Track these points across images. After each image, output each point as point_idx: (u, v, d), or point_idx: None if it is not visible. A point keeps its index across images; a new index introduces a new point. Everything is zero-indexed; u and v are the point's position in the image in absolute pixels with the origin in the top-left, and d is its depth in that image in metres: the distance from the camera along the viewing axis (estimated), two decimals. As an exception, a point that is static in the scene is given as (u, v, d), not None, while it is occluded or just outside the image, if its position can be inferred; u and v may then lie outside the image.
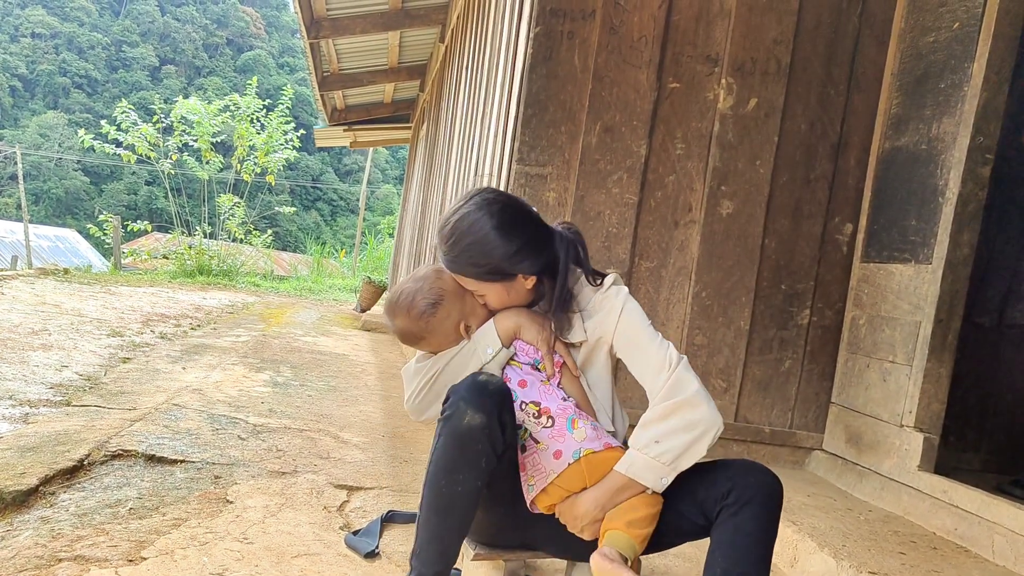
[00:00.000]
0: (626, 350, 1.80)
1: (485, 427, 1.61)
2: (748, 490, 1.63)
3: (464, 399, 1.62)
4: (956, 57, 3.17)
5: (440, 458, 1.65)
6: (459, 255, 1.78)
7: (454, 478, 1.64)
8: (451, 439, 1.63)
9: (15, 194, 38.17)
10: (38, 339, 5.04)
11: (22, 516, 2.24)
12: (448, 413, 1.64)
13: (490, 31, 4.96)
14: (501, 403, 1.65)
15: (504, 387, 1.68)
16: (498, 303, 1.85)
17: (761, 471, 1.68)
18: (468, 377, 1.69)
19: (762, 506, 1.63)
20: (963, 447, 3.81)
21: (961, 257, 3.09)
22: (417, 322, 1.83)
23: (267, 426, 3.45)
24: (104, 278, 10.81)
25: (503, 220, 1.76)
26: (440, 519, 1.67)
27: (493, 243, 1.76)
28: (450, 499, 1.65)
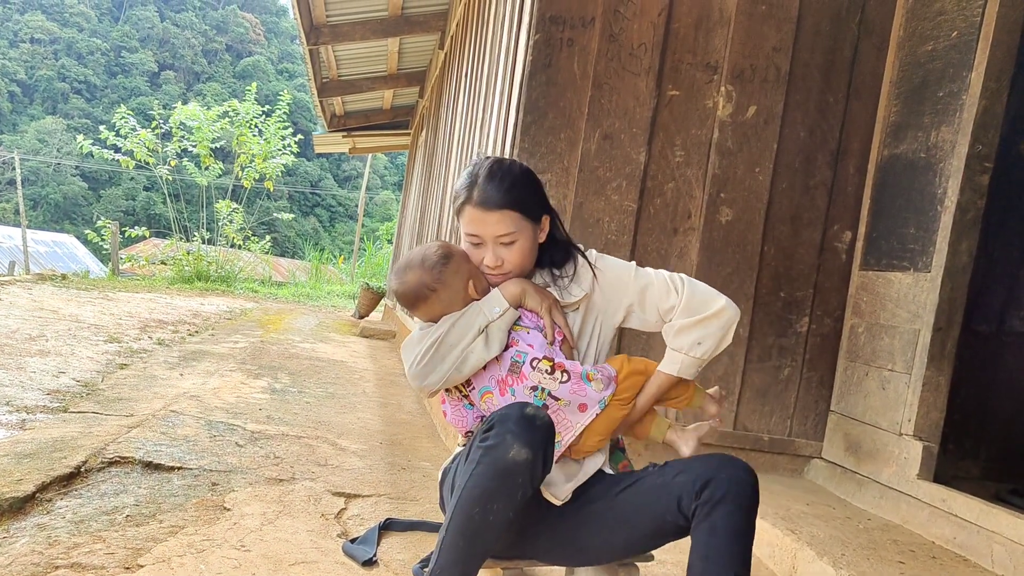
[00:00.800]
0: (620, 291, 1.94)
1: (530, 462, 1.59)
2: (720, 488, 1.63)
3: (512, 432, 1.59)
4: (954, 65, 3.18)
5: (477, 486, 1.61)
6: (510, 188, 1.84)
7: (489, 507, 1.61)
8: (492, 470, 1.59)
9: (13, 199, 38.16)
10: (35, 345, 5.02)
11: (19, 523, 2.23)
12: (492, 443, 1.60)
13: (489, 38, 4.97)
14: (548, 438, 1.63)
15: (551, 422, 1.66)
16: (522, 253, 1.87)
17: (734, 466, 1.68)
18: (516, 407, 1.65)
19: (735, 503, 1.62)
20: (962, 455, 3.80)
21: (960, 265, 3.09)
22: (430, 272, 1.84)
23: (265, 433, 3.44)
24: (102, 284, 10.80)
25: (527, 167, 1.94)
26: (467, 545, 1.65)
27: (534, 181, 1.92)
28: (481, 527, 1.63)
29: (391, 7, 8.04)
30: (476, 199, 1.84)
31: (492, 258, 1.85)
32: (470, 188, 1.86)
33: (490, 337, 1.80)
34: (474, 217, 1.85)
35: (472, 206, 1.84)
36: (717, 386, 2.09)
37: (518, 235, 1.85)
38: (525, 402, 1.69)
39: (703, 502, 1.63)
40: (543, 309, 1.84)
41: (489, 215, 1.83)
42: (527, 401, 1.72)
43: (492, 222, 1.83)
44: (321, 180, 52.92)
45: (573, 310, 1.93)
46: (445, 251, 1.88)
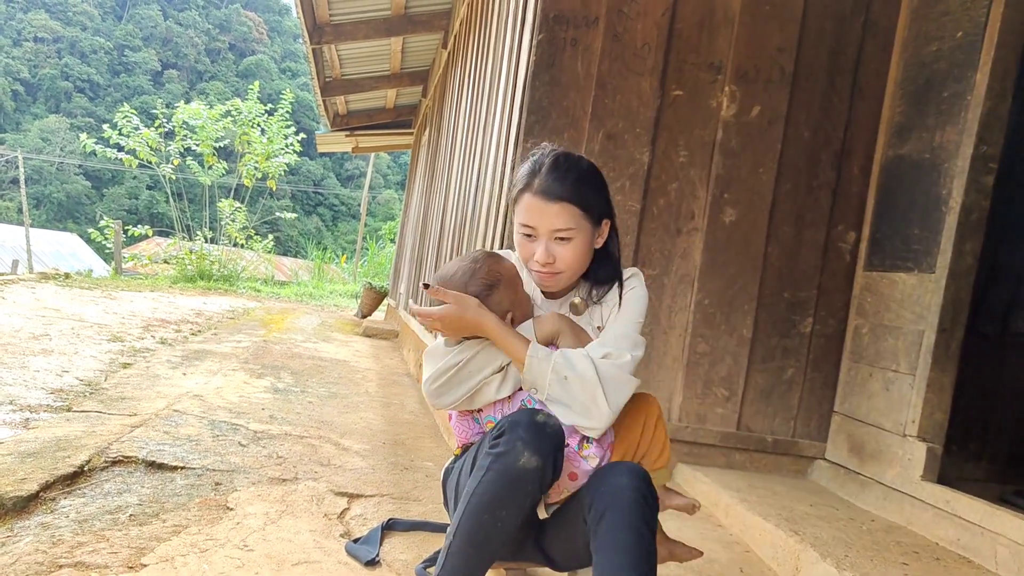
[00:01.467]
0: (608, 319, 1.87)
1: (540, 470, 1.57)
2: (602, 500, 1.59)
3: (523, 440, 1.57)
4: (959, 66, 3.17)
5: (486, 492, 1.60)
6: (575, 181, 1.77)
7: (498, 515, 1.61)
8: (502, 477, 1.58)
9: (16, 198, 38.22)
10: (39, 344, 5.03)
11: (23, 522, 2.23)
12: (503, 450, 1.58)
13: (493, 37, 4.96)
14: (558, 446, 1.61)
15: (560, 428, 1.63)
16: (576, 254, 1.79)
17: (615, 473, 1.62)
18: (526, 414, 1.63)
19: (617, 512, 1.57)
20: (966, 457, 3.79)
21: (964, 266, 3.08)
22: (484, 288, 1.81)
23: (268, 432, 3.44)
24: (105, 283, 10.81)
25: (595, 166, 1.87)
26: (475, 551, 1.65)
27: (601, 180, 1.84)
28: (490, 534, 1.63)
29: (394, 6, 8.03)
30: (536, 187, 1.77)
31: (544, 254, 1.77)
32: (531, 176, 1.79)
33: (507, 376, 1.77)
34: (532, 207, 1.77)
35: (531, 194, 1.78)
36: (696, 502, 1.93)
37: (576, 233, 1.77)
38: (536, 409, 1.67)
39: (592, 519, 1.61)
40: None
41: (549, 206, 1.76)
42: (535, 409, 1.69)
43: (551, 214, 1.76)
44: (324, 179, 52.98)
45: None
46: (493, 278, 1.81)
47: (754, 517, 2.88)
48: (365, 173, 29.17)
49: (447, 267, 1.89)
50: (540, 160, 1.81)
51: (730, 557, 2.70)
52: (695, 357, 3.55)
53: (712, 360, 3.57)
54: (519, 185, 1.82)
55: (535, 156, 1.84)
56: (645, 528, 1.57)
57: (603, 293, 1.90)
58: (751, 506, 2.97)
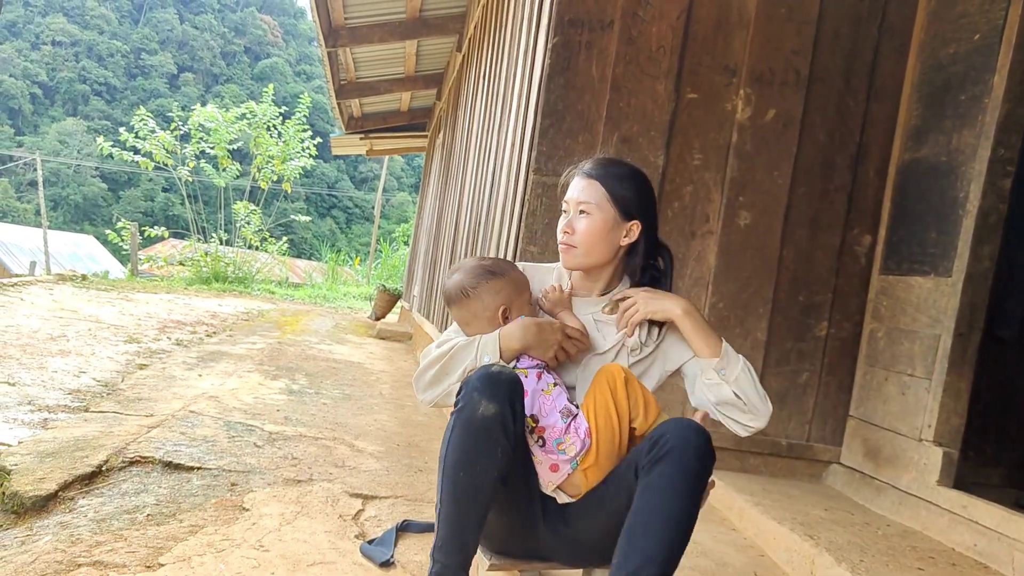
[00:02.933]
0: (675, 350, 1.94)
1: (499, 415, 1.62)
2: (665, 444, 1.61)
3: (477, 389, 1.63)
4: (976, 68, 3.15)
5: (456, 450, 1.65)
6: (614, 172, 1.92)
7: (472, 469, 1.65)
8: (466, 430, 1.64)
9: (34, 200, 38.56)
10: (56, 345, 5.08)
11: (42, 521, 2.26)
12: (461, 405, 1.65)
13: (507, 41, 4.97)
14: (513, 392, 1.66)
15: (515, 377, 1.69)
16: (591, 231, 1.88)
17: (682, 425, 1.64)
18: (480, 369, 1.70)
19: (677, 461, 1.59)
20: (983, 462, 3.76)
21: (981, 270, 3.06)
22: (472, 278, 1.90)
23: (283, 434, 3.46)
24: (121, 284, 10.90)
25: (649, 182, 1.99)
26: (459, 510, 1.68)
27: (641, 183, 1.95)
28: (468, 489, 1.66)
29: (409, 9, 8.06)
30: (582, 169, 1.95)
31: (567, 223, 1.91)
32: (585, 163, 1.96)
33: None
34: (573, 183, 1.95)
35: (578, 174, 1.95)
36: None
37: (595, 210, 1.89)
38: (491, 363, 1.73)
39: (648, 460, 1.62)
40: (551, 357, 1.83)
41: (581, 180, 1.93)
42: (494, 363, 1.75)
43: (580, 187, 1.92)
44: (338, 182, 53.17)
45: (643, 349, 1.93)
46: (496, 269, 1.92)
47: (768, 521, 2.87)
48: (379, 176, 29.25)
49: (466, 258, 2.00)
50: (590, 159, 1.99)
51: (744, 561, 2.70)
52: (709, 360, 3.53)
53: (726, 363, 3.55)
54: (569, 172, 2.00)
55: (600, 155, 2.02)
56: (695, 489, 1.61)
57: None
58: (765, 510, 2.96)
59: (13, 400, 3.62)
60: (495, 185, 4.54)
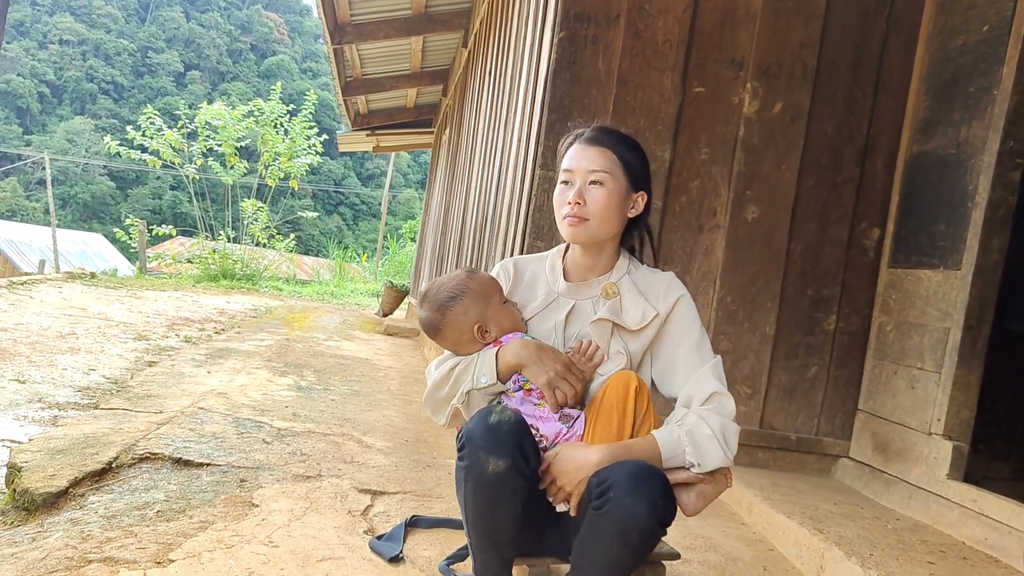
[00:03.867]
0: (670, 336, 1.87)
1: (510, 468, 1.60)
2: (606, 504, 1.58)
3: (483, 448, 1.60)
4: (985, 60, 3.14)
5: (475, 502, 1.66)
6: (619, 139, 1.87)
7: (495, 515, 1.66)
8: (479, 487, 1.63)
9: (43, 199, 38.73)
10: (66, 343, 5.10)
11: (52, 518, 2.27)
12: (468, 463, 1.62)
13: (513, 36, 4.97)
14: (519, 438, 1.62)
15: (516, 418, 1.64)
16: (606, 202, 1.82)
17: (628, 484, 1.57)
18: (479, 419, 1.64)
19: (615, 530, 1.58)
20: (993, 456, 3.75)
21: (991, 263, 3.05)
22: (435, 312, 1.89)
23: (291, 430, 3.46)
24: (130, 282, 10.94)
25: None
26: (494, 542, 1.72)
27: (643, 154, 1.92)
28: (496, 528, 1.69)
29: (415, 5, 8.06)
30: (584, 136, 1.87)
31: (577, 193, 1.82)
32: (581, 131, 1.89)
33: (470, 404, 1.80)
34: (575, 152, 1.86)
35: (578, 142, 1.87)
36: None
37: (610, 179, 1.82)
38: (489, 409, 1.67)
39: (594, 506, 1.60)
40: (543, 384, 1.75)
41: (590, 149, 1.84)
42: (492, 406, 1.71)
43: (590, 156, 1.83)
44: (345, 179, 53.22)
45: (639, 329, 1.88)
46: (458, 290, 1.88)
47: (778, 515, 2.87)
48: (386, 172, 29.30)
49: (427, 286, 1.98)
50: (589, 126, 1.92)
51: (753, 555, 2.69)
52: (717, 355, 3.53)
53: (734, 358, 3.55)
54: (569, 139, 1.91)
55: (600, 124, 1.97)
56: (640, 554, 1.61)
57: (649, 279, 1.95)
58: (774, 504, 2.96)
59: (24, 398, 3.64)
60: (501, 181, 4.54)
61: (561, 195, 1.87)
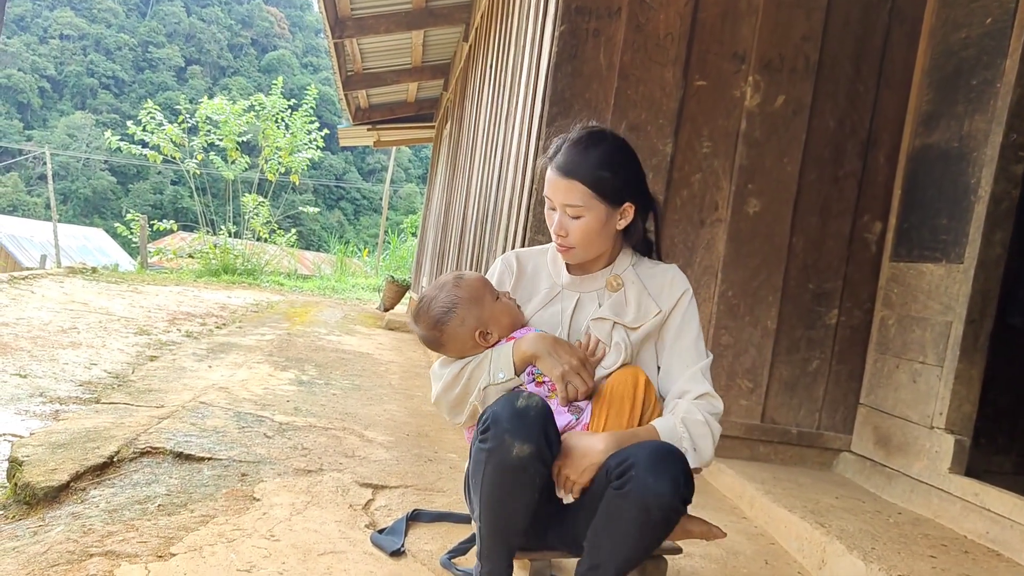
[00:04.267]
0: (668, 330, 1.89)
1: (535, 454, 1.59)
2: (627, 483, 1.59)
3: (508, 432, 1.59)
4: (988, 53, 3.12)
5: (492, 487, 1.65)
6: (592, 162, 1.80)
7: (510, 501, 1.66)
8: (501, 471, 1.62)
9: (44, 194, 38.72)
10: (67, 337, 5.10)
11: (53, 512, 2.27)
12: (492, 446, 1.61)
13: (514, 29, 4.95)
14: (545, 424, 1.62)
15: (543, 405, 1.64)
16: (586, 232, 1.82)
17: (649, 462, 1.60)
18: (506, 403, 1.64)
19: (635, 508, 1.59)
20: (995, 450, 3.75)
21: (994, 257, 3.04)
22: (433, 329, 1.88)
23: (292, 424, 3.46)
24: (131, 277, 10.94)
25: (629, 146, 1.89)
26: (502, 533, 1.72)
27: (625, 161, 1.85)
28: (509, 518, 1.69)
29: (415, 0, 8.04)
30: (555, 162, 1.83)
31: (558, 225, 1.83)
32: (556, 150, 1.86)
33: (488, 400, 1.79)
34: (549, 180, 1.85)
35: (551, 168, 1.84)
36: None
37: (584, 211, 1.80)
38: (516, 394, 1.67)
39: (614, 486, 1.61)
40: (557, 377, 1.76)
41: (560, 181, 1.81)
42: (517, 392, 1.71)
43: (561, 189, 1.81)
44: (346, 173, 53.18)
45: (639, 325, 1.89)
46: (449, 303, 1.86)
47: (779, 509, 2.87)
48: (387, 167, 29.26)
49: (418, 297, 1.97)
50: (568, 135, 1.87)
51: (755, 549, 2.69)
52: (719, 349, 3.53)
53: (736, 352, 3.55)
54: (546, 157, 1.89)
55: (571, 130, 1.90)
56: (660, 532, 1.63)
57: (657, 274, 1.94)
58: (776, 498, 2.95)
59: (25, 392, 3.64)
60: (503, 175, 4.53)
61: (548, 217, 1.88)
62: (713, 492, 3.34)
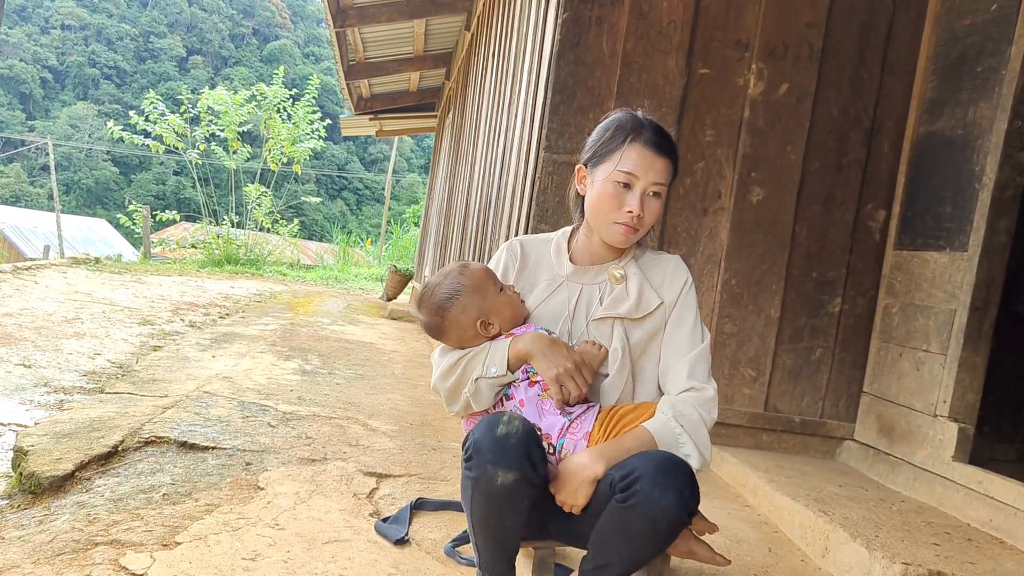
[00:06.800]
0: (668, 323, 1.88)
1: (519, 481, 1.58)
2: (632, 496, 1.57)
3: (491, 462, 1.57)
4: (993, 39, 3.10)
5: (482, 511, 1.65)
6: (673, 146, 1.85)
7: (501, 521, 1.65)
8: (488, 498, 1.61)
9: (47, 185, 38.76)
10: (71, 327, 5.11)
11: (59, 501, 2.28)
12: (476, 475, 1.60)
13: (517, 18, 4.93)
14: (528, 448, 1.60)
15: (524, 428, 1.61)
16: (659, 212, 1.84)
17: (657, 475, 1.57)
18: (486, 430, 1.60)
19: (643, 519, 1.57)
20: (998, 438, 3.75)
21: (998, 244, 3.03)
22: (435, 315, 1.87)
23: (296, 414, 3.47)
24: (134, 267, 10.94)
25: None
26: (497, 545, 1.72)
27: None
28: (502, 534, 1.69)
29: (417, -12, 8.02)
30: (648, 139, 1.80)
31: (639, 204, 1.78)
32: (637, 128, 1.81)
33: (479, 393, 1.79)
34: (642, 155, 1.78)
35: (643, 144, 1.79)
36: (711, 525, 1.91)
37: (665, 191, 1.82)
38: (496, 417, 1.63)
39: (618, 499, 1.59)
40: (551, 378, 1.75)
41: (658, 159, 1.79)
42: (499, 414, 1.67)
43: (658, 168, 1.79)
44: (348, 163, 53.14)
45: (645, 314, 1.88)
46: (453, 290, 1.85)
47: (782, 497, 2.87)
48: (389, 157, 29.23)
49: (423, 284, 1.96)
50: (637, 115, 1.85)
51: (758, 537, 2.70)
52: (722, 337, 3.53)
53: (739, 340, 3.54)
54: (624, 134, 1.81)
55: (621, 112, 1.89)
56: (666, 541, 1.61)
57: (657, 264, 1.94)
58: (779, 486, 2.96)
59: (29, 382, 3.65)
60: (505, 164, 4.52)
61: (617, 198, 1.80)
62: (716, 481, 3.34)
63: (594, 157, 1.86)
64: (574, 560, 2.21)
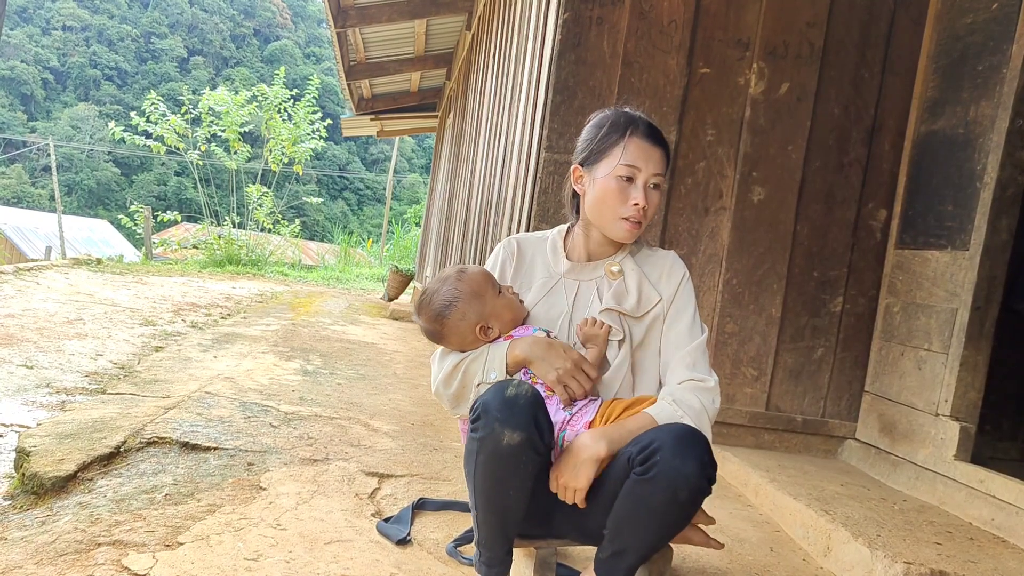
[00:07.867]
0: (667, 318, 1.90)
1: (526, 441, 1.59)
2: (653, 467, 1.58)
3: (498, 420, 1.58)
4: (995, 38, 3.10)
5: (484, 476, 1.65)
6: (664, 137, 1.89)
7: (504, 489, 1.65)
8: (493, 459, 1.61)
9: (48, 185, 38.80)
10: (73, 328, 5.11)
11: (61, 501, 2.28)
12: (483, 435, 1.61)
13: (517, 18, 4.93)
14: (535, 411, 1.61)
15: (534, 392, 1.63)
16: (656, 208, 1.86)
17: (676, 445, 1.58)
18: (496, 391, 1.63)
19: (664, 491, 1.58)
20: (1000, 436, 3.74)
21: (999, 243, 3.03)
22: (434, 323, 1.88)
23: (298, 414, 3.47)
24: (136, 268, 10.95)
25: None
26: (499, 519, 1.71)
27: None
28: (504, 503, 1.68)
29: (418, -12, 8.02)
30: (644, 131, 1.84)
31: (643, 196, 1.81)
32: (633, 121, 1.85)
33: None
34: (641, 147, 1.82)
35: (640, 137, 1.83)
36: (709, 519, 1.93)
37: (663, 182, 1.86)
38: (506, 382, 1.66)
39: (637, 472, 1.60)
40: (552, 381, 1.76)
41: (655, 150, 1.83)
42: (507, 380, 1.70)
43: (656, 158, 1.83)
44: (349, 164, 53.15)
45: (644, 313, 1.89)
46: (451, 296, 1.85)
47: (784, 497, 2.87)
48: (390, 157, 29.24)
49: (422, 289, 1.97)
50: (630, 113, 1.89)
51: (760, 536, 2.70)
52: (723, 337, 3.53)
53: (740, 340, 3.54)
54: (621, 129, 1.84)
55: (615, 109, 1.93)
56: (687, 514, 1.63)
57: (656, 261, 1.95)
58: (781, 486, 2.96)
59: (31, 383, 3.66)
60: (506, 164, 4.52)
61: (621, 192, 1.83)
62: (718, 480, 3.33)
63: (591, 155, 1.88)
64: (576, 560, 2.21)
